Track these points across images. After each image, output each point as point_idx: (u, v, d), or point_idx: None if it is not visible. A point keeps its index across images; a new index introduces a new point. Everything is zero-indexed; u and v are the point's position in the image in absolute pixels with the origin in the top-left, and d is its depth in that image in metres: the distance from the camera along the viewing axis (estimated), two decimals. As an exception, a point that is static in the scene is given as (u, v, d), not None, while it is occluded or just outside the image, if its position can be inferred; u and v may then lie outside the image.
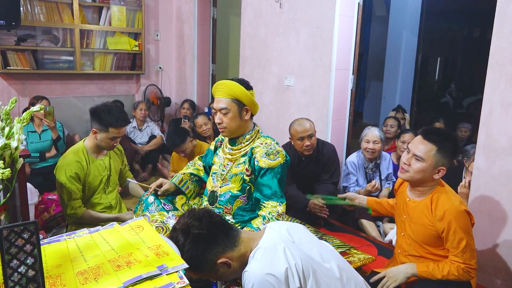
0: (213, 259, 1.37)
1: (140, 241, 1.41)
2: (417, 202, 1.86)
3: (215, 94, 2.04)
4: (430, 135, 1.77)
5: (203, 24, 5.12)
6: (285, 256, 1.30)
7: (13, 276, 1.01)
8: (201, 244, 1.36)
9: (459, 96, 6.33)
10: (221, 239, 1.38)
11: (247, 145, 2.07)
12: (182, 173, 2.29)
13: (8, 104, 1.31)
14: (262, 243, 1.38)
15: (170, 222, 2.05)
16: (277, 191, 1.98)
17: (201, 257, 1.35)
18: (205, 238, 1.36)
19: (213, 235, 1.38)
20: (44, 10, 4.37)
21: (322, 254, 1.41)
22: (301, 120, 2.96)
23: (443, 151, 1.74)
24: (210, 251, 1.36)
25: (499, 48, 2.22)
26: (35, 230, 1.03)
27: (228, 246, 1.38)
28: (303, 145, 2.89)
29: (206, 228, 1.37)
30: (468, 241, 1.74)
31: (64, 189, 2.40)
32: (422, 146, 1.76)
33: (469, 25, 6.30)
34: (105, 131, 2.43)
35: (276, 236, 1.38)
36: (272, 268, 1.28)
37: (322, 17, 3.38)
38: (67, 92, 4.83)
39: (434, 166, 1.75)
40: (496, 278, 2.35)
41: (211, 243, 1.37)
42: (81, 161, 2.46)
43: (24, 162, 1.38)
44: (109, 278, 1.18)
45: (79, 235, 1.46)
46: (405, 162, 1.81)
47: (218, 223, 1.41)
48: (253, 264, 1.33)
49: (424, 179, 1.80)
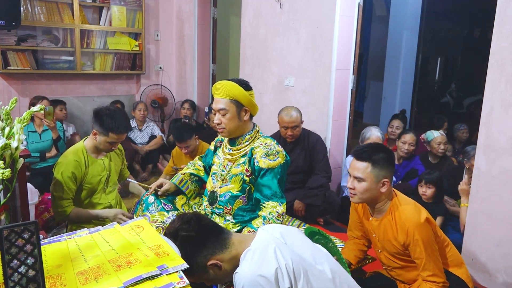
0: (203, 261, 1.37)
1: (140, 241, 1.41)
2: (379, 220, 1.87)
3: (214, 95, 2.05)
4: (361, 153, 1.80)
5: (203, 24, 5.12)
6: (275, 257, 1.30)
7: (13, 276, 1.01)
8: (190, 246, 1.36)
9: (459, 96, 6.32)
10: (211, 241, 1.39)
11: (246, 145, 2.07)
12: (182, 173, 2.29)
13: (9, 104, 1.31)
14: (253, 244, 1.38)
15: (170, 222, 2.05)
16: (277, 192, 1.98)
17: (191, 259, 1.34)
18: (193, 240, 1.37)
19: (202, 237, 1.38)
20: (44, 10, 4.37)
21: (315, 256, 1.41)
22: (289, 110, 3.11)
23: (378, 165, 1.77)
24: (199, 253, 1.37)
25: (499, 48, 2.22)
26: (35, 230, 1.03)
27: (218, 248, 1.38)
28: (286, 133, 3.11)
29: (195, 230, 1.38)
30: (431, 251, 1.75)
31: (58, 187, 2.42)
32: (358, 167, 1.79)
33: (469, 25, 6.29)
34: (105, 134, 2.43)
35: (267, 238, 1.38)
36: (262, 269, 1.28)
37: (322, 17, 3.38)
38: (67, 92, 4.83)
39: (376, 182, 1.77)
40: (496, 278, 2.35)
41: (200, 245, 1.38)
42: (79, 161, 2.46)
43: (24, 162, 1.38)
44: (109, 278, 1.18)
45: (80, 235, 1.46)
46: (350, 187, 1.83)
47: (207, 226, 1.42)
48: (244, 266, 1.33)
49: (373, 196, 1.82)
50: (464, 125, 4.25)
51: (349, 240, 2.15)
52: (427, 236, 1.74)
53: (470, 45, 6.34)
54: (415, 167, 3.40)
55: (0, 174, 1.14)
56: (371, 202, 1.85)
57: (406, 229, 1.74)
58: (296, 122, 3.07)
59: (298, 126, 3.09)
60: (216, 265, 1.38)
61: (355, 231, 2.10)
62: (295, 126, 3.07)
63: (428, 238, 1.75)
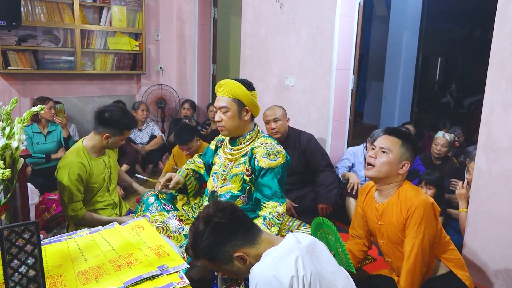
0: (230, 252, 1.36)
1: (140, 241, 1.41)
2: (385, 203, 1.87)
3: (217, 93, 2.06)
4: (394, 132, 1.88)
5: (203, 24, 5.12)
6: (295, 264, 1.28)
7: (14, 276, 1.01)
8: (221, 233, 1.35)
9: (460, 96, 6.33)
10: (241, 233, 1.38)
11: (247, 145, 2.07)
12: (186, 168, 2.31)
13: (9, 104, 1.31)
14: (279, 246, 1.36)
15: (170, 223, 2.05)
16: (278, 191, 1.98)
17: (219, 247, 1.35)
18: (225, 228, 1.36)
19: (234, 227, 1.38)
20: (44, 10, 4.38)
21: (335, 275, 1.37)
22: (273, 106, 3.16)
23: (407, 145, 1.83)
24: (229, 243, 1.36)
25: (499, 48, 2.22)
26: (35, 230, 1.03)
27: (247, 242, 1.38)
28: (270, 129, 3.08)
29: (227, 219, 1.37)
30: (425, 231, 1.73)
31: (66, 191, 2.39)
32: (388, 140, 1.84)
33: (469, 25, 6.29)
34: (120, 134, 2.48)
35: (294, 244, 1.36)
36: (279, 272, 1.27)
37: (322, 17, 3.38)
38: (67, 92, 4.83)
39: (399, 159, 1.81)
40: (496, 278, 2.35)
41: (231, 234, 1.37)
42: (83, 162, 2.44)
43: (24, 162, 1.38)
44: (109, 278, 1.18)
45: (80, 235, 1.46)
46: (371, 155, 1.84)
47: (240, 217, 1.41)
48: (262, 263, 1.32)
49: (390, 173, 1.82)
50: (458, 129, 4.28)
51: (350, 240, 2.14)
52: (429, 217, 1.73)
53: (470, 45, 6.34)
54: (416, 168, 3.40)
55: (0, 174, 1.14)
56: (384, 180, 1.84)
57: (410, 204, 1.75)
58: (277, 115, 3.07)
59: (281, 120, 3.08)
60: (242, 258, 1.37)
61: (358, 229, 2.09)
62: (276, 119, 3.07)
63: (429, 218, 1.74)
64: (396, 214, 1.81)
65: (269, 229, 1.91)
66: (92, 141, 2.50)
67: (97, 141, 2.49)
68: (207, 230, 1.34)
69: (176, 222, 2.06)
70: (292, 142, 3.16)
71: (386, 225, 1.87)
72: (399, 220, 1.79)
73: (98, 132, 2.46)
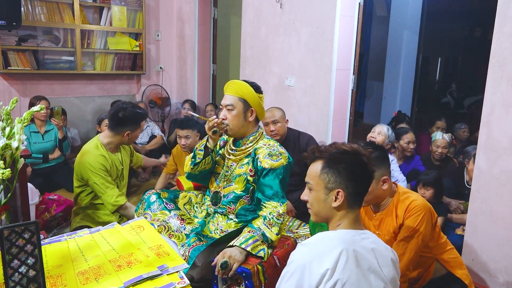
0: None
1: (140, 241, 1.41)
2: (383, 213, 1.86)
3: (225, 92, 2.09)
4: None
5: (203, 24, 5.12)
6: (336, 260, 1.19)
7: (14, 276, 1.01)
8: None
9: (460, 96, 6.32)
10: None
11: (250, 146, 2.09)
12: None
13: (9, 104, 1.31)
14: (341, 234, 1.29)
15: (172, 222, 2.06)
16: (279, 192, 1.99)
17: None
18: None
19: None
20: (45, 10, 4.38)
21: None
22: (271, 108, 3.13)
23: (375, 162, 1.71)
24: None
25: (500, 48, 2.22)
26: (35, 230, 1.03)
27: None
28: (269, 131, 3.07)
29: None
30: (420, 237, 1.71)
31: (96, 185, 2.47)
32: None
33: (470, 25, 6.29)
34: (138, 127, 2.61)
35: (350, 241, 1.26)
36: (320, 258, 1.20)
37: (322, 17, 3.38)
38: (68, 92, 4.83)
39: (376, 182, 1.73)
40: (496, 278, 2.35)
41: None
42: (104, 155, 2.55)
43: (25, 162, 1.38)
44: (110, 278, 1.18)
45: (80, 235, 1.46)
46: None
47: None
48: (309, 244, 1.27)
49: (377, 196, 1.80)
50: (464, 124, 4.25)
51: None
52: (426, 219, 1.71)
53: (470, 45, 6.33)
54: (416, 168, 3.39)
55: (0, 174, 1.14)
56: (376, 202, 1.84)
57: (407, 206, 1.73)
58: (276, 117, 3.05)
59: (280, 122, 3.06)
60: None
61: None
62: (275, 121, 3.05)
63: (426, 222, 1.71)
64: (393, 219, 1.80)
65: (269, 229, 1.92)
66: (109, 139, 2.60)
67: (115, 139, 2.59)
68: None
69: (178, 221, 2.07)
70: (292, 143, 3.15)
71: (384, 234, 1.87)
72: (396, 227, 1.78)
73: (118, 132, 2.56)
